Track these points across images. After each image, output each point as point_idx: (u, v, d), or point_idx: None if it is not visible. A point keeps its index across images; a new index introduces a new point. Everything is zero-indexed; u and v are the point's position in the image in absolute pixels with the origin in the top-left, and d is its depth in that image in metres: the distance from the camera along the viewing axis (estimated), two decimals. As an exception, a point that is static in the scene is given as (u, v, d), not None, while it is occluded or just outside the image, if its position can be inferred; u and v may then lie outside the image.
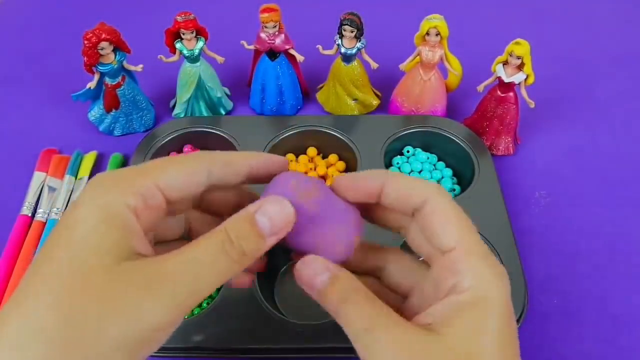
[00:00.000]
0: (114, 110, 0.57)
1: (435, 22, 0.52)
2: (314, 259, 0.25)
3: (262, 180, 0.28)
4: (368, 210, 0.28)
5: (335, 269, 0.25)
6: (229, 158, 0.26)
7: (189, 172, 0.25)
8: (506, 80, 0.52)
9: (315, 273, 0.25)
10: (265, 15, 0.53)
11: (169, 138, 0.55)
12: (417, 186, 0.26)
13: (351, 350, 0.41)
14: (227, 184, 0.27)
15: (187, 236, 0.30)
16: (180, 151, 0.56)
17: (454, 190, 0.53)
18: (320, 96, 0.62)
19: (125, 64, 0.55)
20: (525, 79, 0.52)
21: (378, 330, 0.23)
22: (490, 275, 0.23)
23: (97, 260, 0.21)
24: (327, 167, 0.55)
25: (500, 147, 0.57)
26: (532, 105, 0.54)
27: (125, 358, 0.21)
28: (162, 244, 0.29)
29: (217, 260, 0.23)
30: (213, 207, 0.30)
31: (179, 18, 0.53)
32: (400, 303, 0.28)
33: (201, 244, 0.23)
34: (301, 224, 0.25)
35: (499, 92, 0.54)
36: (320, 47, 0.57)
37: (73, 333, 0.20)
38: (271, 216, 0.24)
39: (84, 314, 0.20)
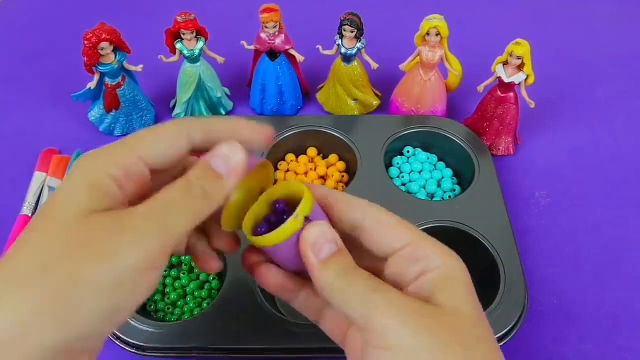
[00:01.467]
0: (114, 110, 0.57)
1: (435, 22, 0.52)
2: (326, 226, 0.26)
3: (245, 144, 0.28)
4: None
5: (342, 243, 0.26)
6: (207, 127, 0.27)
7: (168, 137, 0.26)
8: (506, 80, 0.52)
9: (324, 240, 0.26)
10: (265, 15, 0.53)
11: (169, 138, 0.55)
12: (355, 203, 0.28)
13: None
14: (209, 148, 0.27)
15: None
16: (180, 151, 0.56)
17: (454, 190, 0.53)
18: (320, 96, 0.62)
19: (125, 64, 0.55)
20: (525, 79, 0.52)
21: (386, 290, 0.25)
22: (448, 255, 0.26)
23: (73, 213, 0.22)
24: (327, 167, 0.55)
25: (500, 147, 0.57)
26: (532, 105, 0.54)
27: (105, 300, 0.22)
28: None
29: (182, 199, 0.24)
30: None
31: (178, 18, 0.53)
32: None
33: (166, 189, 0.24)
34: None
35: (499, 92, 0.54)
36: (320, 47, 0.57)
37: (51, 280, 0.21)
38: (224, 158, 0.26)
39: (60, 261, 0.21)
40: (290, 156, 0.56)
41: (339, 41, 0.55)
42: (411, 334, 0.23)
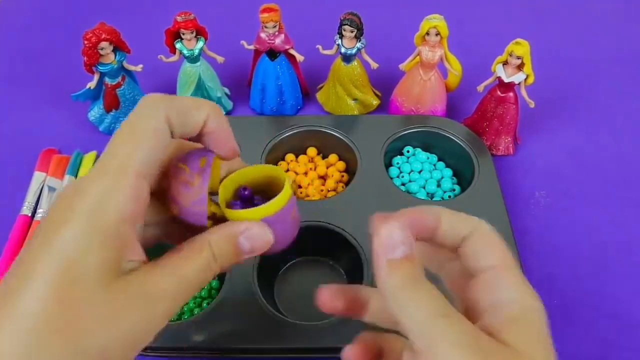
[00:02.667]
0: (114, 110, 0.57)
1: (435, 22, 0.52)
2: (401, 227, 0.24)
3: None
4: None
5: (415, 250, 0.24)
6: (182, 108, 0.25)
7: (153, 137, 0.24)
8: (506, 80, 0.52)
9: (399, 240, 0.24)
10: (265, 15, 0.53)
11: (169, 138, 0.55)
12: (465, 218, 0.26)
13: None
14: (187, 135, 0.26)
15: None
16: (180, 151, 0.56)
17: (454, 190, 0.53)
18: (320, 96, 0.62)
19: (125, 64, 0.55)
20: (525, 79, 0.52)
21: (454, 316, 0.23)
22: (526, 291, 0.25)
23: (91, 283, 0.21)
24: (327, 167, 0.55)
25: (500, 147, 0.57)
26: (532, 105, 0.54)
27: None
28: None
29: (202, 276, 0.25)
30: None
31: (178, 18, 0.53)
32: None
33: (189, 261, 0.24)
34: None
35: (498, 92, 0.54)
36: (320, 47, 0.57)
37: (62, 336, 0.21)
38: (253, 241, 0.26)
39: (73, 329, 0.21)
40: (290, 156, 0.56)
41: (339, 41, 0.55)
42: None
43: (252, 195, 0.28)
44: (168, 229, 0.28)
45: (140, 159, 0.23)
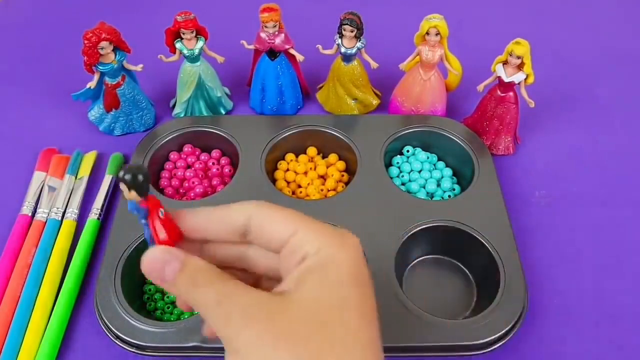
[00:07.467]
0: (114, 110, 0.57)
1: (435, 21, 0.52)
2: (162, 249, 0.25)
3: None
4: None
5: (184, 255, 0.25)
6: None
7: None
8: (506, 79, 0.52)
9: (164, 263, 0.25)
10: (265, 15, 0.53)
11: (169, 138, 0.55)
12: (235, 208, 0.26)
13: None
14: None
15: None
16: (180, 151, 0.56)
17: (454, 189, 0.53)
18: (320, 96, 0.62)
19: (125, 64, 0.55)
20: (525, 79, 0.52)
21: (228, 300, 0.23)
22: (334, 240, 0.25)
23: None
24: (327, 167, 0.55)
25: (500, 147, 0.57)
26: (532, 105, 0.54)
27: None
28: None
29: None
30: None
31: (179, 18, 0.53)
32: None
33: None
34: None
35: (498, 92, 0.54)
36: (320, 46, 0.57)
37: None
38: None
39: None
40: (290, 156, 0.56)
41: (339, 41, 0.55)
42: (256, 341, 0.22)
43: None
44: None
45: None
